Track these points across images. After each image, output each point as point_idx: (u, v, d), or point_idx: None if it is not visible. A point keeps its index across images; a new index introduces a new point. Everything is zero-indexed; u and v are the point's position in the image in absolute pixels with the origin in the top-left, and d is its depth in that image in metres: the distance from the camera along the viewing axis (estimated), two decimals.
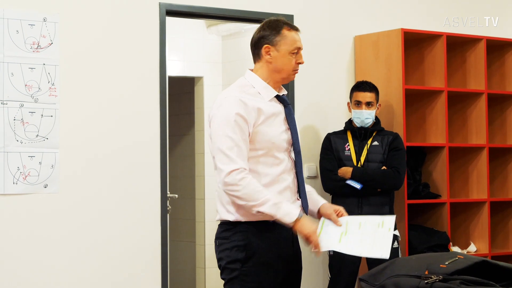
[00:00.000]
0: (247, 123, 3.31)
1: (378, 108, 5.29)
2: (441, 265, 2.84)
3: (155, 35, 5.01)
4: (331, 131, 5.37)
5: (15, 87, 4.57)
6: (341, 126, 5.39)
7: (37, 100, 4.63)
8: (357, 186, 5.04)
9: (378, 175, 5.09)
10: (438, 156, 5.68)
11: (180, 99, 7.66)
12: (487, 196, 5.78)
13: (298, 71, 3.48)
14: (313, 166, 5.50)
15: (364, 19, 5.83)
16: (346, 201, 4.91)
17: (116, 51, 4.89)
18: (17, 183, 4.57)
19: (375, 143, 5.20)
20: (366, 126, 5.22)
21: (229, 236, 3.38)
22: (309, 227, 3.28)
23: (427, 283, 2.77)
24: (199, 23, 7.09)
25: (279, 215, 3.25)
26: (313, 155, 5.48)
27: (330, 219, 3.44)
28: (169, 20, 5.16)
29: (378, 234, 3.32)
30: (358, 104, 5.22)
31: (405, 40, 5.58)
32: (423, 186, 5.62)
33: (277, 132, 3.39)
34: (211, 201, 7.17)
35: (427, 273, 2.83)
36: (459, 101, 5.93)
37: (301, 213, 3.30)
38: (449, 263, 2.85)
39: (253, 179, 3.27)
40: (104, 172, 4.82)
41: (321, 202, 3.54)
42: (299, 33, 3.48)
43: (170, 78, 5.94)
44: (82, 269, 4.74)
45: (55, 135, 4.67)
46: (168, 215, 5.11)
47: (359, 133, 5.22)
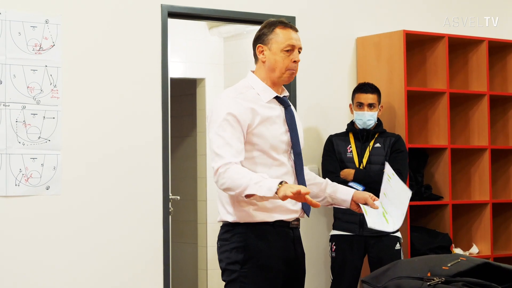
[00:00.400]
0: (240, 123, 3.30)
1: (380, 109, 5.28)
2: (443, 267, 2.84)
3: (157, 36, 5.01)
4: (333, 132, 5.37)
5: (17, 89, 4.57)
6: (343, 127, 5.39)
7: (39, 102, 4.63)
8: (359, 188, 5.02)
9: (380, 177, 5.07)
10: (440, 157, 5.68)
11: (182, 100, 7.66)
12: (489, 197, 5.77)
13: (295, 71, 3.43)
14: (315, 168, 5.50)
15: (366, 20, 5.82)
16: None
17: (118, 52, 4.89)
18: (19, 185, 4.57)
19: (377, 145, 5.19)
20: (368, 127, 5.21)
21: (229, 237, 3.38)
22: (295, 185, 3.13)
23: (430, 285, 2.77)
24: (201, 25, 7.09)
25: (263, 192, 3.12)
26: (315, 156, 5.47)
27: (366, 204, 3.51)
28: (171, 21, 5.16)
29: (399, 197, 3.55)
30: (360, 105, 5.21)
31: (407, 41, 5.57)
32: (425, 187, 5.62)
33: (276, 133, 3.38)
34: (213, 202, 7.16)
35: (429, 275, 2.82)
36: (461, 103, 5.93)
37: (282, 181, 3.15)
38: (451, 265, 2.85)
39: (236, 167, 3.21)
40: (106, 173, 4.82)
41: (351, 190, 3.59)
42: (296, 32, 3.45)
43: (172, 79, 5.93)
44: (84, 270, 4.74)
45: (57, 137, 4.67)
46: (170, 216, 5.10)
47: (361, 135, 5.21)
